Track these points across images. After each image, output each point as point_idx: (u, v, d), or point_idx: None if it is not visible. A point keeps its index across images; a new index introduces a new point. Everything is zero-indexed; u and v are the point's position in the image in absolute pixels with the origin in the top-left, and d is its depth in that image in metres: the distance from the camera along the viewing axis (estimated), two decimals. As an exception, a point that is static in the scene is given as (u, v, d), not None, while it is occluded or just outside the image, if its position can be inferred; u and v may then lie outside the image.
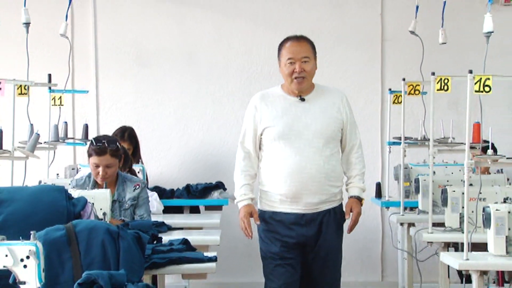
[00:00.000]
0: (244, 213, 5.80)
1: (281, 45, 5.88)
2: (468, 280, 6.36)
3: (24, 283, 4.44)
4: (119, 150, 7.02)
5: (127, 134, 8.69)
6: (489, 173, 7.94)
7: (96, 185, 6.87)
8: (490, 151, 7.23)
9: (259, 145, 5.91)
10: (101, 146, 6.83)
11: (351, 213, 5.91)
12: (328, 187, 5.79)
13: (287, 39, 5.86)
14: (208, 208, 9.04)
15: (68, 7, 8.97)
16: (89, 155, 6.94)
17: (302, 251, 5.83)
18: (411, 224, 7.90)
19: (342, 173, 5.98)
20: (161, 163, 9.55)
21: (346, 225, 5.94)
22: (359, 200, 5.94)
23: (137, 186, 6.92)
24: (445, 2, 7.83)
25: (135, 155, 8.72)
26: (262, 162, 5.92)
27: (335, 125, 5.84)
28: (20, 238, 4.53)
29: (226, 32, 9.78)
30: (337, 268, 5.96)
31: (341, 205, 5.95)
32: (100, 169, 6.80)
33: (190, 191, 9.06)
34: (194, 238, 6.31)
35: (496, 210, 5.71)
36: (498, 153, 7.18)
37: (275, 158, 5.78)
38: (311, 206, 5.76)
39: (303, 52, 5.75)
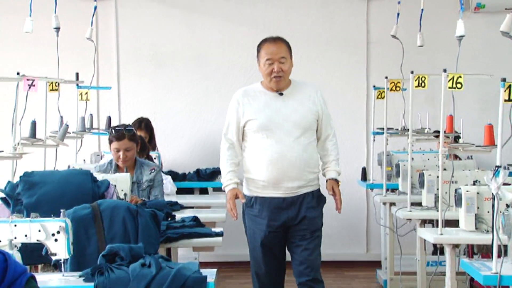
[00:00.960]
0: (230, 195, 5.65)
1: (259, 46, 5.76)
2: (442, 252, 6.39)
3: (55, 254, 4.47)
4: (135, 135, 7.13)
5: (144, 124, 8.71)
6: (460, 159, 7.95)
7: (117, 170, 6.91)
8: (461, 140, 7.27)
9: (242, 136, 5.76)
10: (119, 132, 6.90)
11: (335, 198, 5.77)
12: (306, 173, 5.65)
13: (265, 40, 5.75)
14: (216, 189, 9.04)
15: (93, 14, 8.99)
16: (110, 142, 7.01)
17: (285, 233, 5.70)
18: (392, 204, 7.91)
19: (318, 160, 5.83)
20: (174, 150, 9.56)
21: (328, 208, 5.85)
22: (337, 182, 5.80)
23: (153, 170, 6.98)
24: (422, 9, 7.83)
25: (151, 143, 8.74)
26: (245, 152, 5.77)
27: (312, 116, 5.70)
28: (52, 215, 4.56)
29: (231, 37, 9.78)
30: (315, 241, 5.72)
31: (318, 190, 5.79)
32: (121, 153, 6.89)
33: (199, 174, 9.10)
34: (203, 215, 6.33)
35: (467, 191, 5.72)
36: (468, 142, 7.23)
37: (258, 147, 5.65)
38: (291, 191, 5.62)
39: (281, 53, 5.63)
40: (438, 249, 7.21)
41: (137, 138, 7.19)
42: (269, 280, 5.74)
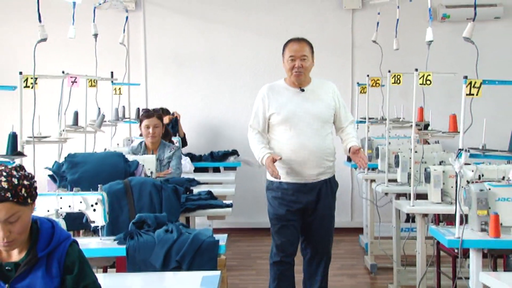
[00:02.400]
0: (268, 162, 5.27)
1: (285, 45, 5.50)
2: (413, 220, 6.38)
3: (93, 222, 4.49)
4: (161, 115, 7.32)
5: (166, 111, 8.73)
6: (429, 144, 7.93)
7: (146, 151, 6.93)
8: (430, 128, 7.25)
9: (267, 127, 5.48)
10: (149, 111, 6.98)
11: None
12: (325, 161, 5.41)
13: (290, 40, 5.50)
14: (226, 168, 9.05)
15: (125, 23, 8.99)
16: (141, 121, 7.07)
17: (303, 214, 5.45)
18: (372, 180, 7.89)
19: (334, 149, 5.54)
20: (192, 136, 9.54)
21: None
22: (357, 146, 5.45)
23: (172, 149, 7.06)
24: (398, 19, 7.80)
25: (174, 128, 8.78)
26: (270, 143, 5.48)
27: (329, 110, 5.47)
28: (91, 189, 4.57)
29: (239, 42, 9.77)
30: (330, 227, 5.60)
31: (334, 176, 5.56)
32: (150, 129, 6.96)
33: (213, 156, 9.09)
34: (216, 190, 6.34)
35: (434, 170, 5.72)
36: (435, 129, 7.22)
37: (281, 138, 5.40)
38: (311, 177, 5.37)
39: (302, 51, 5.39)
40: (410, 218, 7.19)
41: (162, 117, 7.32)
42: (285, 247, 5.48)
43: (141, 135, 7.52)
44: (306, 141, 5.35)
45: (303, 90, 5.44)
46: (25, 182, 2.89)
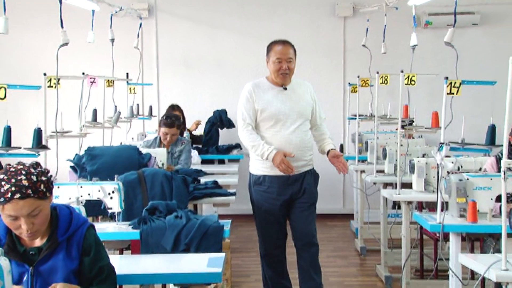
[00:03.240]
0: (279, 158, 5.04)
1: (270, 46, 5.26)
2: (399, 207, 6.39)
3: (110, 208, 4.49)
4: (181, 125, 7.19)
5: (176, 107, 8.70)
6: (413, 138, 7.93)
7: (160, 145, 6.92)
8: (414, 123, 7.25)
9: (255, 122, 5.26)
10: (171, 121, 6.91)
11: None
12: (306, 154, 5.23)
13: (275, 42, 5.26)
14: (230, 160, 9.05)
15: (139, 29, 8.98)
16: (161, 126, 6.98)
17: (287, 206, 5.23)
18: (362, 171, 7.89)
19: (312, 144, 5.39)
20: (200, 131, 9.52)
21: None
22: (335, 150, 5.35)
23: (183, 143, 7.02)
24: (385, 25, 7.78)
25: (183, 123, 8.81)
26: None
27: (309, 108, 5.30)
28: (108, 179, 4.57)
29: (242, 46, 9.76)
30: (314, 215, 5.33)
31: (313, 168, 5.33)
32: (168, 136, 6.90)
33: (218, 149, 9.09)
34: (221, 180, 6.33)
35: (418, 161, 5.71)
36: (419, 125, 7.22)
37: (267, 133, 5.18)
38: (295, 169, 5.13)
39: (289, 54, 5.17)
40: (396, 205, 7.20)
41: (181, 128, 7.24)
42: (272, 242, 5.31)
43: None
44: (291, 136, 5.17)
45: (285, 89, 5.26)
46: (43, 178, 2.90)
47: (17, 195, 2.80)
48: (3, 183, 2.83)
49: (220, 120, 9.26)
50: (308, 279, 5.22)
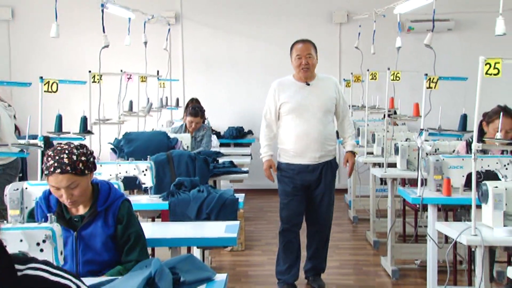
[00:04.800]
0: (266, 166, 5.03)
1: (292, 46, 5.09)
2: (385, 183, 6.37)
3: (144, 184, 4.49)
4: (204, 115, 7.13)
5: (195, 100, 8.68)
6: (398, 125, 7.91)
7: (185, 131, 6.91)
8: (398, 113, 7.22)
9: (278, 116, 5.06)
10: (195, 111, 6.89)
11: (347, 163, 5.22)
12: (326, 145, 4.97)
13: (296, 42, 5.09)
14: (244, 144, 9.09)
15: (168, 33, 8.97)
16: (187, 115, 6.95)
17: (307, 190, 5.06)
18: (355, 153, 7.88)
19: (335, 136, 5.19)
20: (218, 120, 9.51)
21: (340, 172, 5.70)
22: (353, 153, 5.20)
23: (204, 129, 6.99)
24: (374, 30, 7.74)
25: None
26: (280, 129, 5.06)
27: (331, 102, 5.02)
28: (142, 159, 4.58)
29: (253, 48, 9.73)
30: (331, 202, 5.15)
31: (334, 158, 5.13)
32: (193, 124, 6.87)
33: (233, 135, 9.13)
34: (236, 160, 6.34)
35: (401, 145, 5.69)
36: (402, 114, 7.20)
37: (289, 125, 4.98)
38: (314, 159, 4.96)
39: (307, 50, 4.97)
40: (383, 181, 7.17)
41: (204, 117, 7.20)
42: (290, 218, 5.08)
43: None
44: (309, 129, 4.93)
45: (308, 84, 5.01)
46: (83, 158, 2.91)
47: (58, 170, 2.84)
48: (49, 158, 2.87)
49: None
50: (317, 251, 5.18)
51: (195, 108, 7.00)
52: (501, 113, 4.15)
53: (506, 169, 4.34)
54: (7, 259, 1.73)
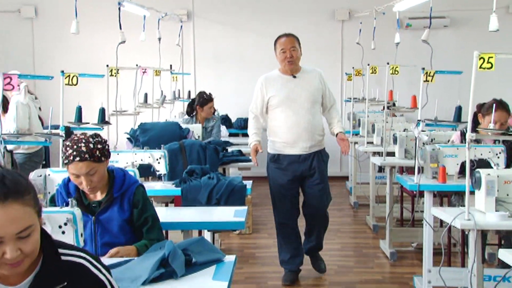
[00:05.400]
0: (252, 149, 4.83)
1: (276, 40, 4.92)
2: (384, 171, 6.37)
3: (158, 171, 4.50)
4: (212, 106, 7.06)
5: (203, 93, 8.68)
6: (396, 116, 7.89)
7: (196, 121, 6.91)
8: (397, 105, 7.19)
9: (266, 110, 4.85)
10: (209, 98, 6.84)
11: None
12: (316, 135, 4.80)
13: (280, 36, 4.89)
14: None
15: (180, 30, 8.96)
16: (205, 103, 6.86)
17: (300, 181, 4.87)
18: (355, 143, 7.86)
19: (323, 126, 4.92)
20: (227, 111, 9.51)
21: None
22: (343, 133, 4.93)
23: (214, 120, 6.96)
24: (374, 27, 7.72)
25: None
26: (270, 121, 4.86)
27: (318, 93, 4.82)
28: (156, 148, 4.59)
29: (259, 44, 9.66)
30: (325, 191, 4.94)
31: (324, 149, 4.93)
32: (212, 108, 6.87)
33: (241, 125, 9.13)
34: (244, 149, 6.30)
35: (400, 135, 5.67)
36: (401, 106, 7.17)
37: (280, 117, 4.77)
38: (304, 149, 4.77)
39: (291, 43, 4.77)
40: (382, 169, 7.17)
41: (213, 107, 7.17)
42: (285, 213, 4.93)
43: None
44: (299, 119, 4.75)
45: (295, 77, 4.82)
46: (99, 146, 2.93)
47: (77, 158, 2.86)
48: (68, 148, 2.90)
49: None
50: (315, 235, 5.03)
51: (207, 94, 6.95)
52: (494, 106, 4.14)
53: (498, 157, 4.35)
54: (51, 243, 1.73)
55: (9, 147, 5.62)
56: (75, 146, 2.88)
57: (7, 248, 1.58)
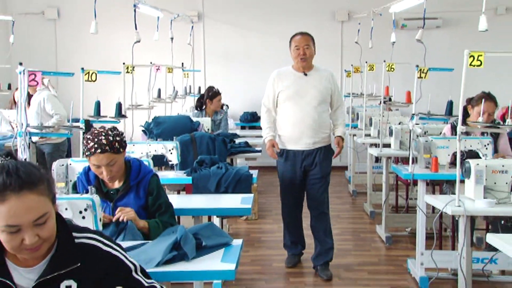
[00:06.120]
0: (268, 145, 4.68)
1: (291, 38, 4.77)
2: (381, 161, 6.35)
3: (171, 161, 4.50)
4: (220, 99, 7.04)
5: (212, 88, 8.68)
6: (392, 110, 7.86)
7: (206, 115, 6.91)
8: (393, 100, 7.17)
9: (276, 103, 4.72)
10: (217, 91, 6.84)
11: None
12: (320, 133, 4.63)
13: (295, 34, 4.76)
14: (257, 127, 9.06)
15: (191, 30, 8.93)
16: (214, 96, 6.86)
17: (305, 174, 4.69)
18: (354, 135, 7.86)
19: (330, 124, 4.76)
20: (235, 105, 9.50)
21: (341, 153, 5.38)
22: (342, 138, 4.74)
23: (222, 113, 6.95)
24: (372, 27, 7.69)
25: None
26: (278, 115, 4.73)
27: (326, 92, 4.64)
28: (169, 140, 4.59)
29: (266, 43, 9.67)
30: (325, 187, 4.77)
31: (329, 145, 4.76)
32: (220, 102, 6.86)
33: (248, 118, 9.12)
34: (250, 141, 6.32)
35: (395, 128, 5.67)
36: (396, 101, 7.14)
37: (287, 112, 4.65)
38: (308, 145, 4.62)
39: (305, 41, 4.65)
40: (379, 159, 7.16)
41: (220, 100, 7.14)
42: (292, 203, 4.83)
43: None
44: (304, 116, 4.60)
45: (306, 75, 4.68)
46: (117, 138, 2.96)
47: (98, 150, 2.89)
48: (89, 141, 2.92)
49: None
50: (322, 242, 4.80)
51: (215, 88, 6.94)
52: (483, 99, 4.13)
53: (486, 148, 4.35)
54: (66, 227, 1.76)
55: (38, 138, 5.76)
56: (96, 139, 2.90)
57: (26, 235, 1.61)
